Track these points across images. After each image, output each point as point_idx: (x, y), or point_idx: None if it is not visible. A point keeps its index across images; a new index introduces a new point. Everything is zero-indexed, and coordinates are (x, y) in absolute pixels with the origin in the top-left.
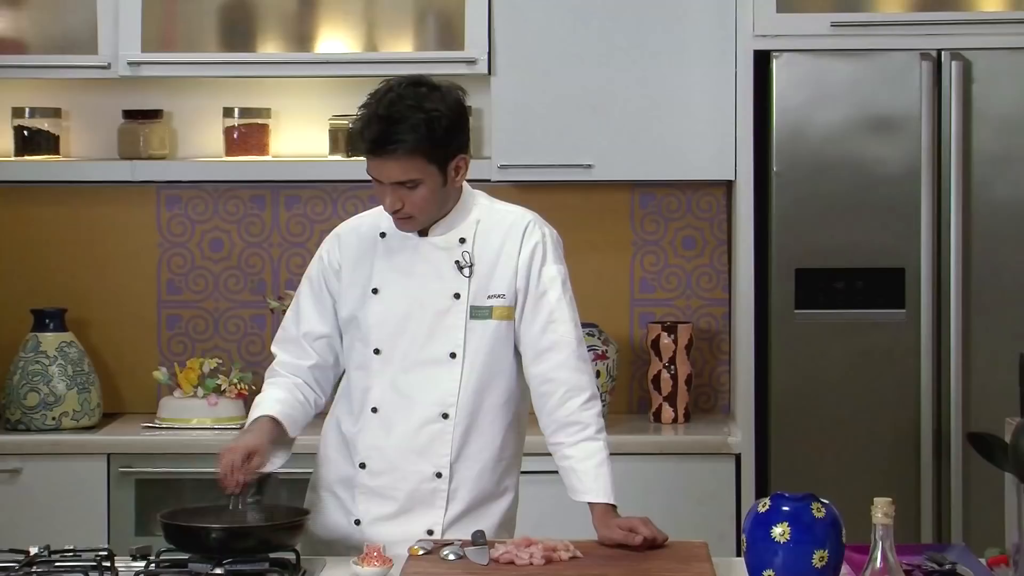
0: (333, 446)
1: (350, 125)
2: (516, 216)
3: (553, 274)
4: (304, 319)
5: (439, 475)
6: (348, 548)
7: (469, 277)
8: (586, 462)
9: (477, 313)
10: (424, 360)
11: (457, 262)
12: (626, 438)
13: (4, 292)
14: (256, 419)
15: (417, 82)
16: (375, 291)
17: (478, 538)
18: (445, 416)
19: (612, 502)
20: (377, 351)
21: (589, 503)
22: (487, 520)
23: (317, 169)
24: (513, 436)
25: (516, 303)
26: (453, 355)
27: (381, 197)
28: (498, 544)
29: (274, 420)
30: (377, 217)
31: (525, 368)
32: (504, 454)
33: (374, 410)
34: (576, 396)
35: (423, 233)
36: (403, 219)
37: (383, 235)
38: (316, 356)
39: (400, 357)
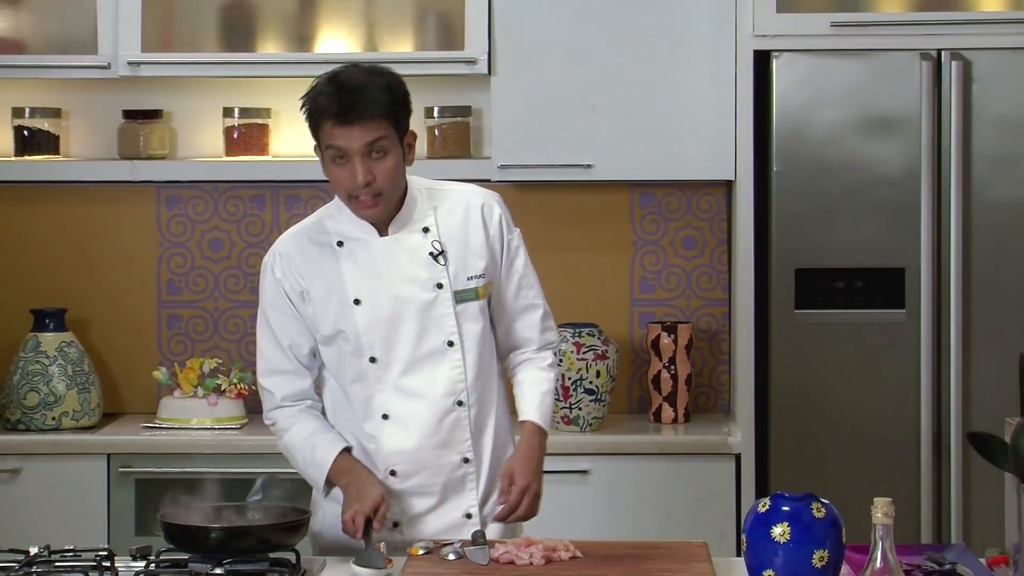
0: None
1: (304, 110)
2: (466, 194)
3: (517, 242)
4: (286, 341)
5: (466, 460)
6: (391, 551)
7: (445, 264)
8: (533, 388)
9: (462, 296)
10: (423, 356)
11: (431, 253)
12: (626, 438)
13: (4, 292)
14: (336, 462)
15: (358, 63)
16: (357, 302)
17: (478, 538)
18: (460, 403)
19: (545, 428)
20: (373, 359)
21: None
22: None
23: (317, 169)
24: (505, 398)
25: (494, 276)
26: (451, 343)
27: (345, 178)
28: (498, 544)
29: (347, 452)
30: (320, 228)
31: (497, 329)
32: (505, 419)
33: (385, 416)
34: (544, 349)
35: (381, 233)
36: (372, 197)
37: (340, 244)
38: (309, 374)
39: (397, 360)
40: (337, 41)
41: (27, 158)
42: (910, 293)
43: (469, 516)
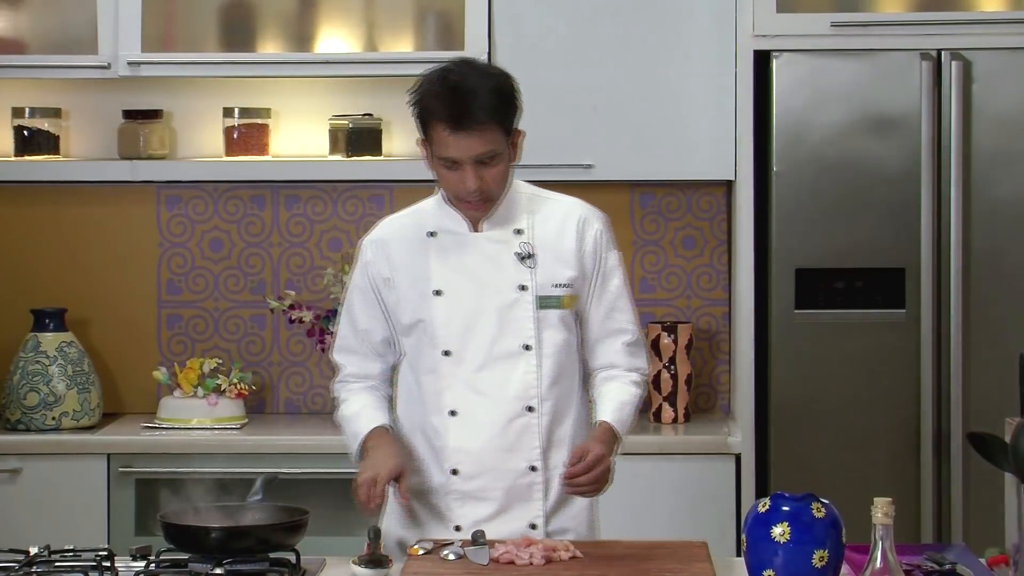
0: (421, 456)
1: (413, 109)
2: (570, 205)
3: (614, 263)
4: (360, 325)
5: (533, 468)
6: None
7: (532, 268)
8: (614, 398)
9: (546, 303)
10: (498, 356)
11: (518, 253)
12: (626, 438)
13: (4, 292)
14: (372, 433)
15: (466, 60)
16: (438, 293)
17: (478, 538)
18: (530, 409)
19: (619, 431)
20: (447, 352)
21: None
22: (578, 504)
23: (317, 169)
24: (588, 416)
25: (581, 290)
26: (527, 347)
27: (458, 181)
28: (498, 544)
29: (385, 428)
30: (417, 217)
31: (584, 348)
32: (583, 436)
33: (453, 413)
34: (631, 374)
35: (474, 229)
36: (481, 201)
37: (432, 234)
38: (380, 359)
39: (472, 356)
40: (337, 41)
41: (27, 158)
42: (910, 293)
43: (534, 527)
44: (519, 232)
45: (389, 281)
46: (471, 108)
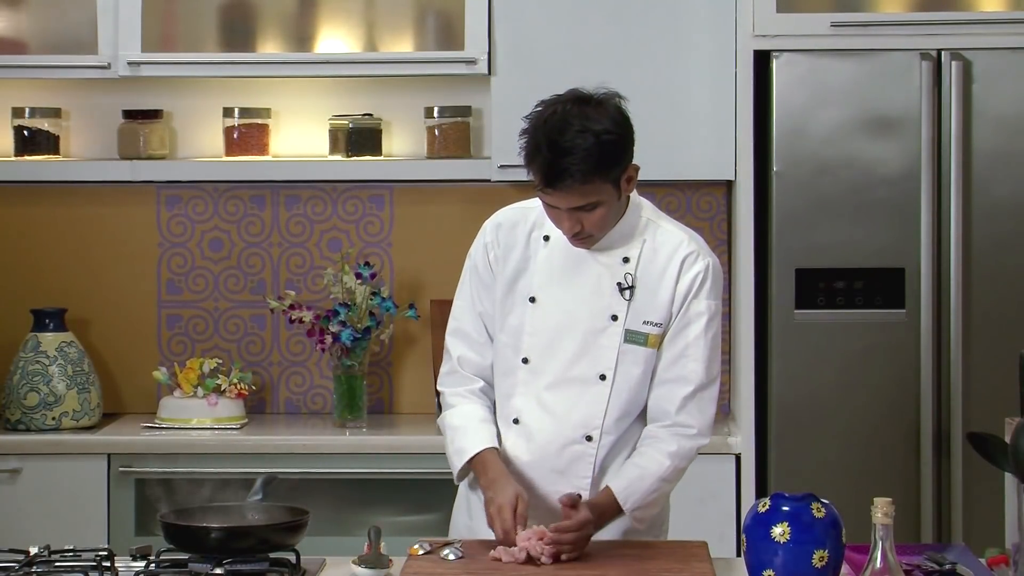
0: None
1: (522, 152)
2: (681, 240)
3: (701, 309)
4: (480, 308)
5: (579, 497)
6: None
7: (629, 300)
8: (643, 467)
9: (632, 338)
10: (572, 378)
11: (619, 283)
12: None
13: (4, 292)
14: (483, 456)
15: (580, 99)
16: (532, 299)
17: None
18: (588, 439)
19: (621, 504)
20: (526, 360)
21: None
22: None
23: (317, 169)
24: None
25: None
26: (603, 377)
27: (556, 220)
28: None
29: (495, 451)
30: (539, 215)
31: (648, 390)
32: None
33: (516, 421)
34: (676, 431)
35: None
36: (580, 240)
37: (547, 238)
38: (489, 346)
39: (548, 371)
40: (337, 41)
41: (27, 158)
42: (910, 293)
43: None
44: (626, 260)
45: (496, 262)
46: (563, 171)
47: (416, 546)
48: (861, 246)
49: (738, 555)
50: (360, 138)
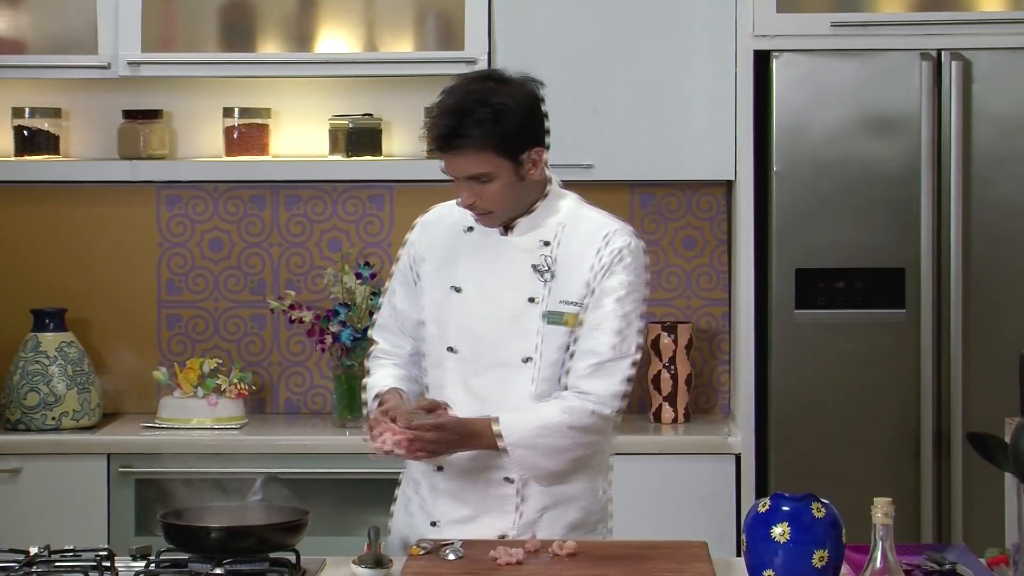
0: None
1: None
2: (601, 222)
3: (615, 284)
4: (398, 305)
5: (508, 480)
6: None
7: (547, 282)
8: (531, 410)
9: (551, 318)
10: (497, 363)
11: (536, 266)
12: (626, 438)
13: (4, 292)
14: (378, 394)
15: (487, 76)
16: (457, 289)
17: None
18: None
19: (501, 431)
20: (453, 349)
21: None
22: (560, 523)
23: (317, 169)
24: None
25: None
26: (527, 359)
27: (458, 192)
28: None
29: (396, 390)
30: (463, 210)
31: None
32: None
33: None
34: (582, 396)
35: (506, 231)
36: (480, 215)
37: (469, 230)
38: (412, 342)
39: (475, 358)
40: (337, 41)
41: (27, 158)
42: (910, 293)
43: (504, 537)
44: (544, 243)
45: (422, 261)
46: (455, 134)
47: (416, 546)
48: (861, 246)
49: (738, 555)
50: (360, 138)
